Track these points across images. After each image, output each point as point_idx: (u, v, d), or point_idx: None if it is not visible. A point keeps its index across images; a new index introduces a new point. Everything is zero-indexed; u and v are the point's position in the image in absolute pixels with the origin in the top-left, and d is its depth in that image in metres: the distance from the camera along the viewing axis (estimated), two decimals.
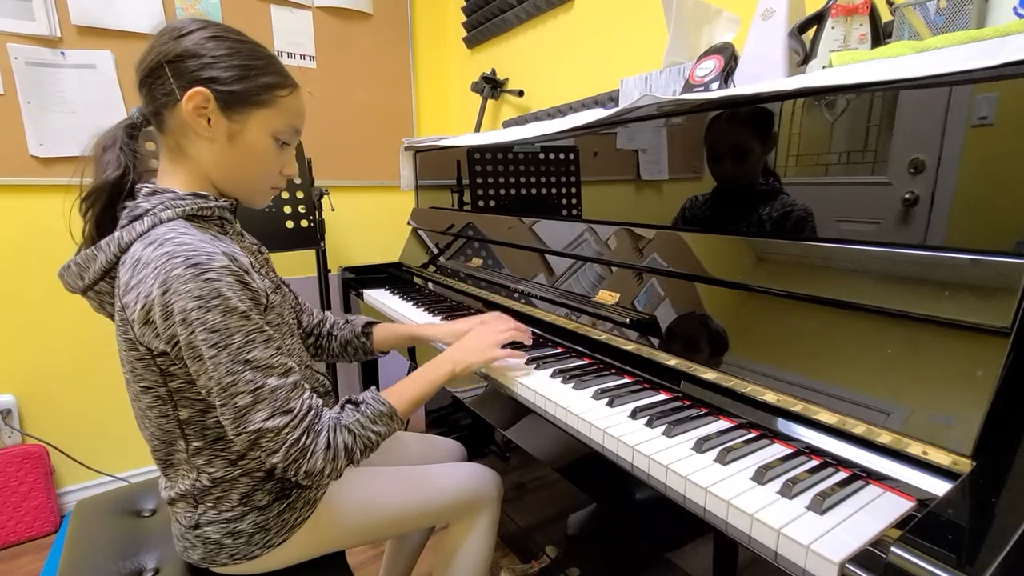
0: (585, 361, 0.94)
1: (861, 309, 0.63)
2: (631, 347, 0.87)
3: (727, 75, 0.92)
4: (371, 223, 2.26)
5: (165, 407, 0.72)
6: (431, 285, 1.58)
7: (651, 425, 0.69)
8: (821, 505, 0.51)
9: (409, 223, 1.79)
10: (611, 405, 0.76)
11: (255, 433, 0.65)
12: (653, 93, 0.97)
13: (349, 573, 0.87)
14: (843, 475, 0.58)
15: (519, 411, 0.84)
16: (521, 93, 1.93)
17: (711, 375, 0.74)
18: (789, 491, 0.54)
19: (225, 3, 1.83)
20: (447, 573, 0.99)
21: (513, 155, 1.33)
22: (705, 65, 0.95)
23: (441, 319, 1.25)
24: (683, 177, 0.90)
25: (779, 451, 0.63)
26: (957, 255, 0.57)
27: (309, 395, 0.70)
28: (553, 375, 0.87)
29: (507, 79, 2.01)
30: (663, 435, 0.67)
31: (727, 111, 0.82)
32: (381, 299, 1.49)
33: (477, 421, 1.77)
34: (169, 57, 0.68)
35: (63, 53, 1.62)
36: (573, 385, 0.83)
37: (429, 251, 1.63)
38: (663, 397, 0.79)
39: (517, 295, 1.15)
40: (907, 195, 0.62)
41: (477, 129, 2.01)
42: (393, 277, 1.76)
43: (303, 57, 2.01)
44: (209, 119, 0.70)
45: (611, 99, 1.51)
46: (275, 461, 0.67)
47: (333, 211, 1.88)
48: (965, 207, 0.58)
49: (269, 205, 1.63)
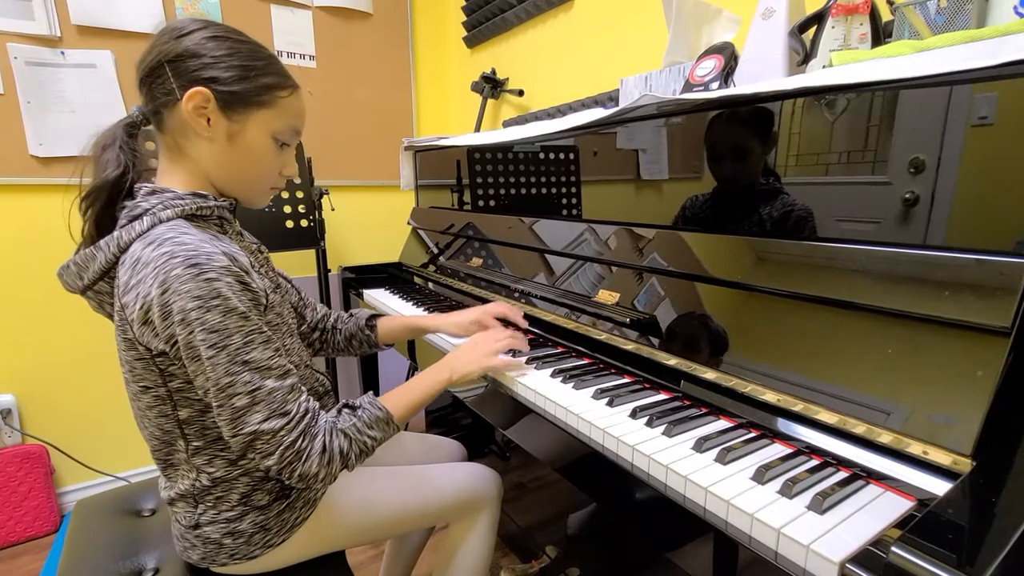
0: (585, 361, 0.94)
1: (861, 309, 0.63)
2: (631, 347, 0.87)
3: (727, 75, 0.92)
4: (371, 223, 2.26)
5: (164, 407, 0.72)
6: (431, 285, 1.58)
7: (651, 425, 0.69)
8: (821, 505, 0.51)
9: (409, 223, 1.78)
10: (611, 405, 0.76)
11: (251, 435, 0.65)
12: (653, 93, 0.97)
13: (349, 573, 0.87)
14: (843, 475, 0.58)
15: (519, 411, 0.84)
16: (521, 93, 1.93)
17: (711, 375, 0.74)
18: (789, 491, 0.54)
19: (225, 3, 1.83)
20: (447, 573, 0.99)
21: (513, 155, 1.33)
22: (705, 65, 0.95)
23: None
24: (683, 177, 0.90)
25: (779, 451, 0.63)
26: (957, 255, 0.57)
27: (306, 398, 0.70)
28: (553, 375, 0.87)
29: (507, 79, 2.01)
30: (663, 435, 0.67)
31: (727, 111, 0.82)
32: (381, 299, 1.49)
33: (477, 421, 1.77)
34: (169, 57, 0.68)
35: (63, 53, 1.62)
36: (573, 385, 0.83)
37: (429, 251, 1.63)
38: (663, 397, 0.79)
39: (517, 295, 1.15)
40: (907, 195, 0.62)
41: (477, 129, 2.01)
42: (393, 277, 1.76)
43: (303, 57, 2.01)
44: (209, 119, 0.70)
45: (611, 99, 1.51)
46: (270, 463, 0.66)
47: (333, 211, 1.88)
48: (965, 207, 0.58)
49: (269, 205, 1.63)
